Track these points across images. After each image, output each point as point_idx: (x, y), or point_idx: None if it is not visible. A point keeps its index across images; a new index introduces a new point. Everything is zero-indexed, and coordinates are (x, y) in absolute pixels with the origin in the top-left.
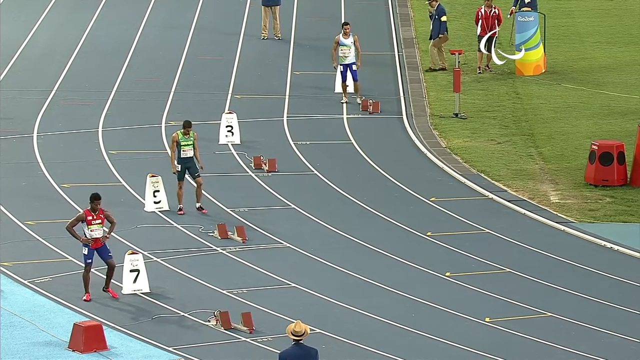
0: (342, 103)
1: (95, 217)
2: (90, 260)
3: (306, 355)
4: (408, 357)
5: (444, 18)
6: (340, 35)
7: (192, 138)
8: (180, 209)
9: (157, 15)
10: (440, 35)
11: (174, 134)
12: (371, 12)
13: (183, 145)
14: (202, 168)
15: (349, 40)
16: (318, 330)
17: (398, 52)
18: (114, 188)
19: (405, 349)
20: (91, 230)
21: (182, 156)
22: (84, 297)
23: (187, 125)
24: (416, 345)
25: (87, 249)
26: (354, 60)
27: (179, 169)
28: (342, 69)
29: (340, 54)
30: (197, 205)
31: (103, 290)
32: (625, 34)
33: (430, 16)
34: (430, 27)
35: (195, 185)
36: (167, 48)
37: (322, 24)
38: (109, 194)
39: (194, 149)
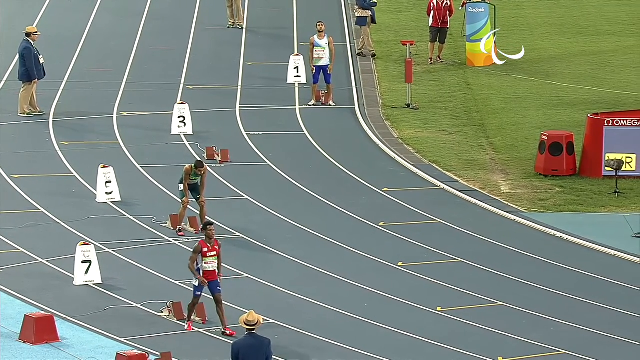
0: (310, 105)
1: (210, 249)
2: (199, 293)
3: (259, 345)
4: (360, 347)
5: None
6: (315, 36)
7: (201, 174)
8: (180, 230)
9: (109, 3)
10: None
11: (187, 166)
12: (323, 2)
13: (192, 178)
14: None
15: (324, 42)
16: (271, 320)
17: (350, 42)
18: (65, 179)
19: (358, 338)
20: (205, 263)
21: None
22: (186, 327)
23: (199, 166)
24: (368, 335)
25: (199, 281)
26: (328, 63)
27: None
28: (314, 71)
29: (315, 56)
30: (201, 226)
31: (222, 333)
32: (573, 25)
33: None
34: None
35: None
36: (118, 37)
37: (273, 15)
38: (60, 185)
39: (201, 182)
